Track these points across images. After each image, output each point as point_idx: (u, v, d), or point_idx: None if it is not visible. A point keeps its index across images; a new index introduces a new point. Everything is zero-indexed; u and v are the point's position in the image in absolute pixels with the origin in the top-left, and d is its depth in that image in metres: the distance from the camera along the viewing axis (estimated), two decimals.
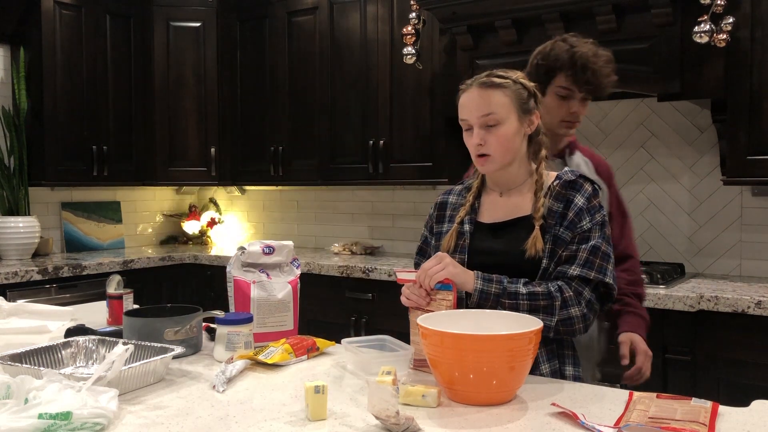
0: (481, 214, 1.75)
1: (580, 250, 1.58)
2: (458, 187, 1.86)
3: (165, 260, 4.13)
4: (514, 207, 1.69)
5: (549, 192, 1.64)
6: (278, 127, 4.24)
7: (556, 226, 1.61)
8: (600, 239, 1.59)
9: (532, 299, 1.55)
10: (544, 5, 2.94)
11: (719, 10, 2.57)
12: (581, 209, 1.61)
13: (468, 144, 1.68)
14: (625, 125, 3.36)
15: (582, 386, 1.49)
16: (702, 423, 1.21)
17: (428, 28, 3.46)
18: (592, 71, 1.88)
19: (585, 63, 1.87)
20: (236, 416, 1.29)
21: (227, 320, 1.68)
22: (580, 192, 1.63)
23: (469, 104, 1.66)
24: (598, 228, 1.60)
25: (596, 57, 1.89)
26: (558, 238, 1.60)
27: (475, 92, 1.65)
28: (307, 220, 4.59)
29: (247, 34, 4.39)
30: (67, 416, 1.13)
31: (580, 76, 1.88)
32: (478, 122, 1.64)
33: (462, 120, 1.68)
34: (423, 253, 1.86)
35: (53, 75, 3.92)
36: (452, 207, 1.81)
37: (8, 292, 3.30)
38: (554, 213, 1.62)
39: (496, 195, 1.75)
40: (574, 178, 1.64)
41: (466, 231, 1.72)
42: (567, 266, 1.58)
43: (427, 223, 1.87)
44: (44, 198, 4.22)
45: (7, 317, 2.15)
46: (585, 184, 1.64)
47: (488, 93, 1.63)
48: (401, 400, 1.33)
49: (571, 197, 1.62)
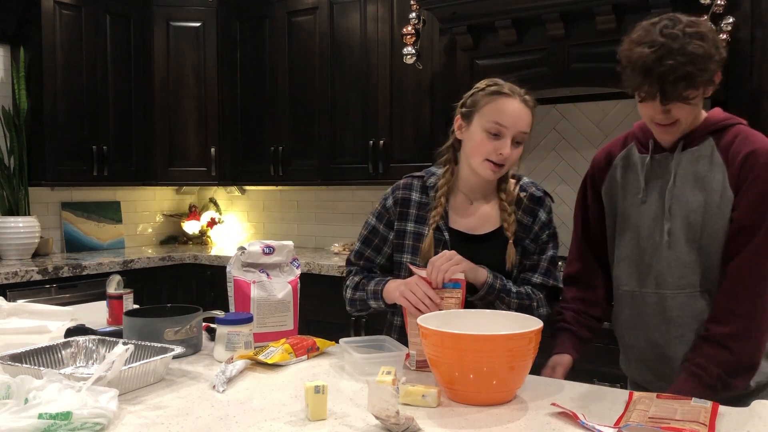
0: (453, 220, 1.78)
1: (542, 260, 1.77)
2: (415, 182, 1.83)
3: (165, 260, 4.13)
4: (483, 217, 1.77)
5: (518, 203, 1.77)
6: (278, 127, 4.24)
7: (526, 240, 1.76)
8: (555, 249, 1.79)
9: (519, 298, 1.71)
10: (544, 5, 2.94)
11: (719, 10, 2.58)
12: (544, 223, 1.78)
13: (489, 148, 1.66)
14: (625, 125, 3.35)
15: (582, 386, 1.49)
16: (702, 423, 1.21)
17: (428, 28, 3.46)
18: None
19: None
20: (236, 416, 1.29)
21: (227, 320, 1.68)
22: (543, 207, 1.79)
23: (516, 114, 1.66)
24: (553, 239, 1.80)
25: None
26: (525, 250, 1.76)
27: (521, 106, 1.68)
28: (307, 220, 4.58)
29: (247, 34, 4.39)
30: (67, 416, 1.13)
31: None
32: (514, 136, 1.67)
33: (497, 124, 1.66)
34: (370, 244, 1.84)
35: (53, 75, 3.92)
36: (417, 206, 1.80)
37: (8, 292, 3.30)
38: (525, 226, 1.77)
39: (465, 201, 1.79)
40: (541, 195, 1.79)
41: (446, 239, 1.75)
42: (531, 274, 1.77)
43: (381, 217, 1.84)
44: (44, 198, 4.22)
45: (7, 317, 2.15)
46: (547, 199, 1.81)
47: (529, 113, 1.70)
48: (401, 400, 1.33)
49: (536, 211, 1.78)
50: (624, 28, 2.87)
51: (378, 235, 1.84)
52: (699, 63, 1.46)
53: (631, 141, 1.74)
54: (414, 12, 3.37)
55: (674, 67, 1.46)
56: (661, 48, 1.47)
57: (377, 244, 1.84)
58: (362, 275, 1.84)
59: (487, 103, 1.68)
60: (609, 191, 1.74)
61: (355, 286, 1.84)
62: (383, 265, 1.86)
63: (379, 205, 1.86)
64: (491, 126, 1.66)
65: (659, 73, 1.47)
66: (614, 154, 1.75)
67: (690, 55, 1.45)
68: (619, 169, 1.72)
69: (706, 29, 1.51)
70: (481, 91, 1.71)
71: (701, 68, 1.47)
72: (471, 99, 1.73)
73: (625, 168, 1.71)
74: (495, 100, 1.67)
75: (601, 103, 3.41)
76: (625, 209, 1.70)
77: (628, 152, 1.72)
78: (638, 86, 1.53)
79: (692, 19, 1.52)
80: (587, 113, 3.47)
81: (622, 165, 1.72)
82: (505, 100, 1.67)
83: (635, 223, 1.67)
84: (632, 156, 1.71)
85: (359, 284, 1.83)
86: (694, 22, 1.51)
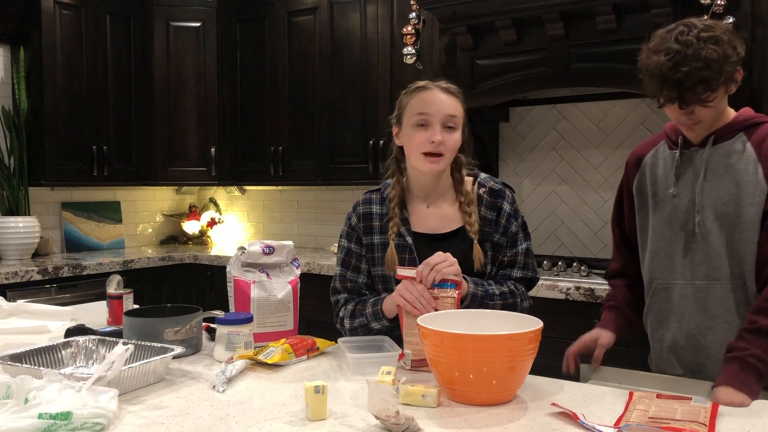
0: (414, 224, 1.80)
1: (518, 254, 1.79)
2: (374, 196, 1.88)
3: (165, 260, 4.13)
4: (444, 217, 1.79)
5: (479, 200, 1.78)
6: (278, 127, 4.24)
7: (494, 234, 1.77)
8: (526, 240, 1.81)
9: (503, 298, 1.72)
10: (544, 5, 2.94)
11: (719, 10, 2.58)
12: (509, 215, 1.79)
13: (420, 139, 1.70)
14: (625, 125, 3.36)
15: (582, 386, 1.49)
16: (702, 423, 1.21)
17: (428, 28, 3.46)
18: None
19: None
20: (236, 416, 1.29)
21: (227, 320, 1.68)
22: (505, 199, 1.80)
23: (437, 101, 1.71)
24: (522, 229, 1.81)
25: None
26: (497, 245, 1.78)
27: (441, 94, 1.72)
28: (307, 220, 4.58)
29: (247, 34, 4.39)
30: (67, 416, 1.13)
31: None
32: (441, 121, 1.70)
33: (420, 114, 1.70)
34: (349, 266, 1.86)
35: (53, 75, 3.92)
36: (379, 217, 1.84)
37: (8, 292, 3.30)
38: (489, 221, 1.78)
39: (422, 205, 1.82)
40: (500, 187, 1.80)
41: (409, 243, 1.76)
42: (510, 269, 1.79)
43: (351, 236, 1.87)
44: (44, 198, 4.22)
45: (7, 317, 2.15)
46: (506, 190, 1.82)
47: (452, 98, 1.73)
48: (401, 400, 1.33)
49: (499, 204, 1.79)
50: (624, 28, 2.90)
51: (353, 254, 1.86)
52: (714, 67, 1.52)
53: (660, 140, 1.80)
54: (414, 12, 3.37)
55: (690, 72, 1.52)
56: (676, 55, 1.53)
57: (355, 263, 1.86)
58: (354, 302, 1.83)
59: (409, 101, 1.75)
60: (639, 188, 1.80)
61: (351, 315, 1.82)
62: (367, 284, 1.86)
63: (345, 226, 1.90)
64: (417, 118, 1.71)
65: (676, 80, 1.54)
66: (644, 153, 1.82)
67: (705, 60, 1.51)
68: (648, 166, 1.79)
69: (720, 32, 1.56)
70: (404, 94, 1.78)
71: (717, 71, 1.52)
72: (397, 104, 1.80)
73: (654, 165, 1.78)
74: (415, 95, 1.74)
75: (601, 103, 3.41)
76: (656, 204, 1.75)
77: (657, 150, 1.79)
78: (657, 93, 1.60)
79: (707, 23, 1.58)
80: (587, 113, 3.47)
81: (651, 162, 1.79)
82: (424, 92, 1.73)
83: (667, 217, 1.72)
84: (662, 153, 1.77)
85: (355, 311, 1.81)
86: (710, 26, 1.57)
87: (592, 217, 3.45)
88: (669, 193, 1.72)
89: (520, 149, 3.65)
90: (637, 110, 3.31)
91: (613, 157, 3.37)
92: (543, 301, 2.77)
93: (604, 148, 3.41)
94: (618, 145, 3.37)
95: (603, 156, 3.43)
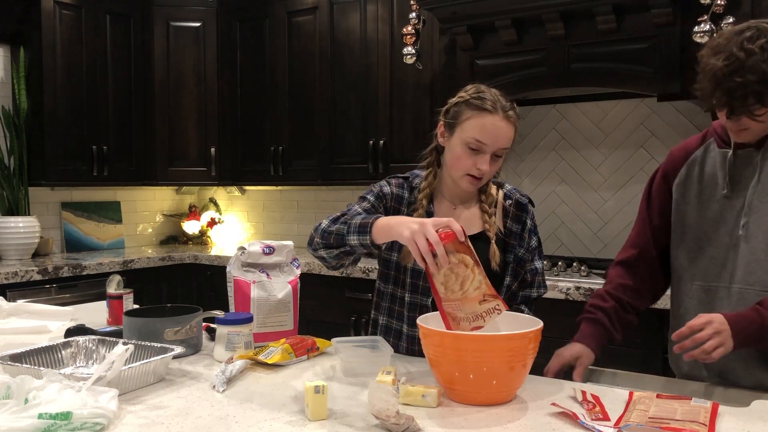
0: None
1: (537, 273, 1.82)
2: (405, 183, 1.82)
3: (165, 260, 4.13)
4: (467, 220, 1.77)
5: (505, 212, 1.80)
6: (278, 127, 4.24)
7: (518, 248, 1.78)
8: (541, 257, 1.85)
9: None
10: (544, 5, 2.94)
11: (719, 10, 2.58)
12: (530, 230, 1.81)
13: (468, 164, 1.66)
14: (625, 125, 3.36)
15: (582, 386, 1.49)
16: (702, 423, 1.21)
17: (428, 28, 3.46)
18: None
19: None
20: (236, 416, 1.29)
21: (227, 320, 1.68)
22: (528, 214, 1.81)
23: (497, 132, 1.64)
24: (539, 245, 1.84)
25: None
26: (521, 259, 1.79)
27: (502, 123, 1.64)
28: (307, 220, 4.58)
29: (247, 34, 4.39)
30: (67, 416, 1.13)
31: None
32: (494, 151, 1.66)
33: (477, 141, 1.63)
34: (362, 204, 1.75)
35: (53, 75, 3.92)
36: (407, 204, 1.80)
37: (8, 292, 3.30)
38: (515, 234, 1.79)
39: (448, 206, 1.81)
40: (526, 202, 1.82)
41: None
42: (529, 290, 1.82)
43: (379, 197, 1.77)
44: (44, 198, 4.22)
45: (7, 317, 2.15)
46: (529, 205, 1.83)
47: (511, 128, 1.67)
48: (401, 400, 1.33)
49: (523, 218, 1.80)
50: (624, 28, 2.90)
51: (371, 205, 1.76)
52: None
53: (710, 137, 1.71)
54: (414, 12, 3.37)
55: (743, 84, 1.44)
56: (735, 62, 1.45)
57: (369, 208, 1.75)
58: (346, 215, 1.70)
59: (468, 118, 1.64)
60: (682, 185, 1.72)
61: (335, 219, 1.67)
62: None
63: (375, 188, 1.80)
64: (471, 142, 1.64)
65: (728, 88, 1.46)
66: (691, 149, 1.73)
67: (761, 73, 1.43)
68: (697, 164, 1.70)
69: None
70: (464, 102, 1.67)
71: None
72: (454, 109, 1.69)
73: (703, 163, 1.69)
74: (477, 116, 1.64)
75: (601, 103, 3.41)
76: (701, 204, 1.68)
77: (707, 148, 1.70)
78: (709, 95, 1.52)
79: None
80: (587, 113, 3.47)
81: (700, 160, 1.70)
82: (487, 116, 1.63)
83: (714, 218, 1.65)
84: (712, 151, 1.69)
85: (340, 218, 1.66)
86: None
87: (592, 217, 3.45)
88: (720, 193, 1.64)
89: (520, 149, 3.65)
90: (637, 110, 3.31)
91: (613, 157, 3.37)
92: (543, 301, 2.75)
93: (604, 148, 3.41)
94: (618, 145, 3.38)
95: (603, 156, 3.43)
